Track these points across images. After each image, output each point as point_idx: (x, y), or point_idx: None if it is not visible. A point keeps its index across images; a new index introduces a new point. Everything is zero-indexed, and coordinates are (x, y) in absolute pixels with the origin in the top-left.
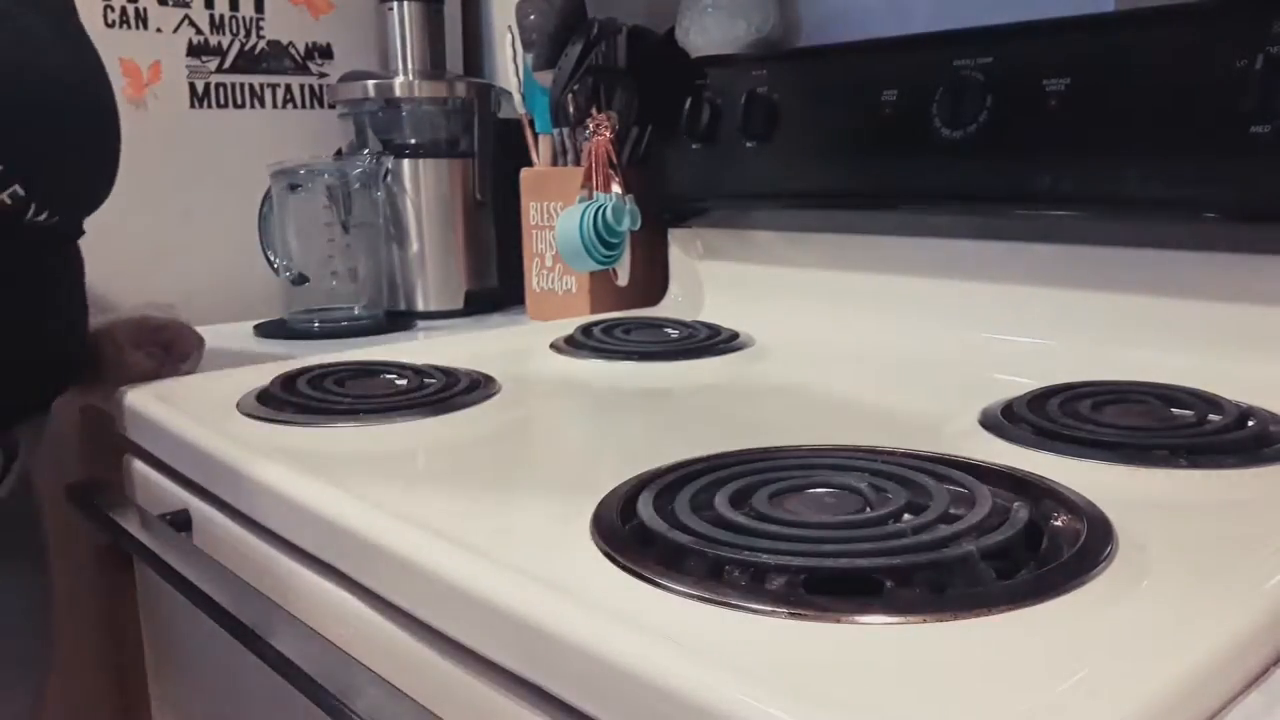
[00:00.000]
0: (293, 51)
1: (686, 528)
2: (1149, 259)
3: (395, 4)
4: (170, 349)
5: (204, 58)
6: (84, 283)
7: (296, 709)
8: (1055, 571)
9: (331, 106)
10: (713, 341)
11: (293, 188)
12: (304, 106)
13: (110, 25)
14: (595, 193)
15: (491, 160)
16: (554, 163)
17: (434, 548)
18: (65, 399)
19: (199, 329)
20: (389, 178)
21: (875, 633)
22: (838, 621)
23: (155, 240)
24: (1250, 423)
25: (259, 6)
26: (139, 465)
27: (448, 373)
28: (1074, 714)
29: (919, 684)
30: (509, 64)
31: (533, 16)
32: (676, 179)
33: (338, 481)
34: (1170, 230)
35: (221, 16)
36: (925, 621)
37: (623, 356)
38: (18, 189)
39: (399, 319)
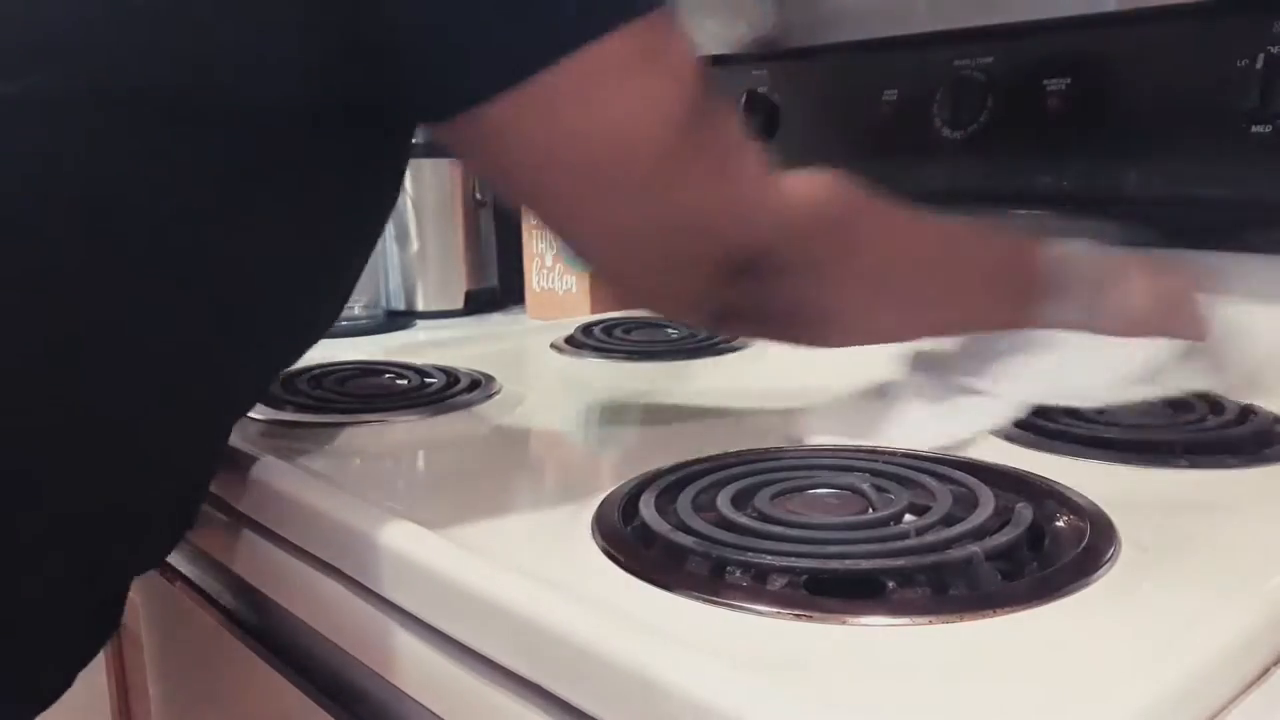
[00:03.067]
0: None
1: (689, 528)
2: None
3: None
4: None
5: None
6: None
7: (297, 708)
8: (1059, 573)
9: None
10: (713, 341)
11: None
12: None
13: None
14: None
15: None
16: None
17: (435, 547)
18: None
19: None
20: None
21: (878, 634)
22: (841, 623)
23: None
24: (1251, 422)
25: None
26: None
27: (448, 372)
28: (1076, 715)
29: (922, 685)
30: None
31: None
32: None
33: (338, 481)
34: (1170, 230)
35: None
36: (929, 623)
37: (623, 356)
38: None
39: (399, 318)
